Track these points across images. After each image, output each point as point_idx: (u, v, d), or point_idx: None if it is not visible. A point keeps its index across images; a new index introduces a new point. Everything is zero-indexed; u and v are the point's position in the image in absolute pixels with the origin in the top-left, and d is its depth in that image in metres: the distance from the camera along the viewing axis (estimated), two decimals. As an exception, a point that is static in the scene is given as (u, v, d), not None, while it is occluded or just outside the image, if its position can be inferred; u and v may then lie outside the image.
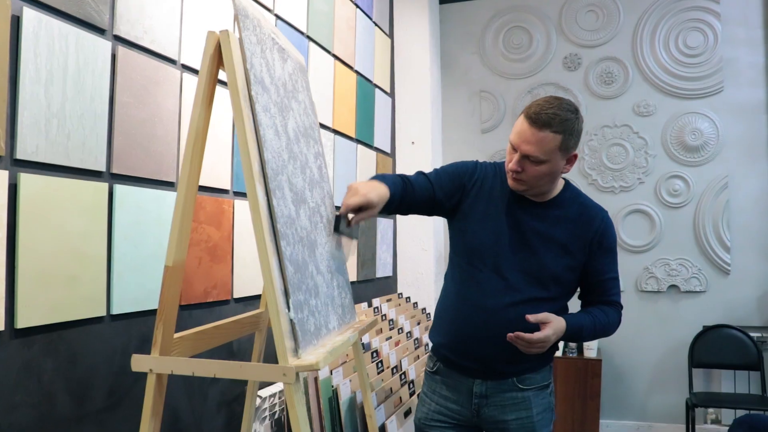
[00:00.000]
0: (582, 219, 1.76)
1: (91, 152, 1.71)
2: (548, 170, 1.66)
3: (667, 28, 4.29)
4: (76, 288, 1.65)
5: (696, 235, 4.20)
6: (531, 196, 1.77)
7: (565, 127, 1.61)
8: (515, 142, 1.66)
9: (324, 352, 1.22)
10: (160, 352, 1.22)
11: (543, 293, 1.73)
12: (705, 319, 4.14)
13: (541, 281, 1.73)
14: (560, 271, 1.73)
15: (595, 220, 1.77)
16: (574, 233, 1.75)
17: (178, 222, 1.24)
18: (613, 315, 1.80)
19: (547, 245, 1.73)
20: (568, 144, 1.64)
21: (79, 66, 1.67)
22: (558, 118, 1.60)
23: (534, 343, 1.62)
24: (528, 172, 1.66)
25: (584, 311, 1.80)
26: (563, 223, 1.75)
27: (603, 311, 1.79)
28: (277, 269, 1.18)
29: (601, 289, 1.81)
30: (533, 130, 1.61)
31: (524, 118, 1.65)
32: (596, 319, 1.76)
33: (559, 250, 1.73)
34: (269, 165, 1.24)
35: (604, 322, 1.77)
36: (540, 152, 1.62)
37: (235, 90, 1.18)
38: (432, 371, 1.90)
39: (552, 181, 1.72)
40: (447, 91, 4.75)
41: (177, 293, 1.26)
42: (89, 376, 1.71)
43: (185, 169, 1.24)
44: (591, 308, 1.81)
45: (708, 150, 4.19)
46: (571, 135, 1.64)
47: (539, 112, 1.61)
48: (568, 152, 1.66)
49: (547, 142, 1.61)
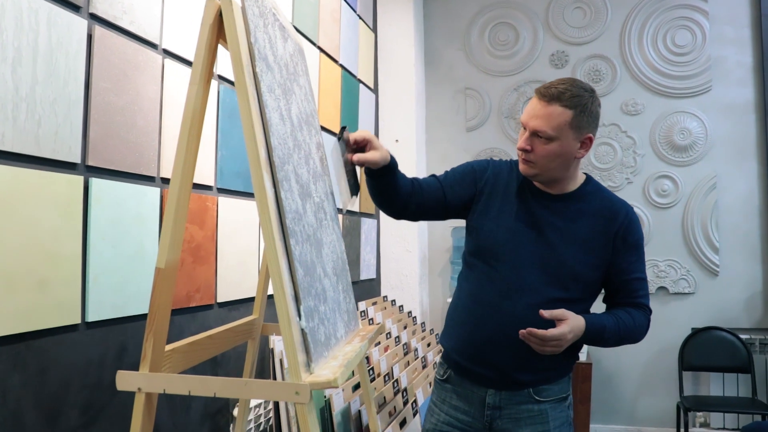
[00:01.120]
0: (604, 213, 1.64)
1: (65, 142, 1.54)
2: (559, 150, 1.54)
3: (655, 26, 4.23)
4: (46, 293, 1.47)
5: (685, 236, 4.14)
6: (547, 187, 1.65)
7: (576, 102, 1.51)
8: (524, 119, 1.57)
9: (337, 366, 1.07)
10: (150, 368, 1.05)
11: (563, 294, 1.60)
12: (694, 321, 4.08)
13: (561, 280, 1.60)
14: (581, 270, 1.61)
15: (619, 214, 1.64)
16: (596, 228, 1.62)
17: (172, 217, 1.08)
18: (640, 318, 1.66)
19: (566, 241, 1.61)
20: (580, 122, 1.53)
21: (52, 45, 1.49)
22: (569, 92, 1.51)
23: (548, 341, 1.48)
24: (537, 151, 1.55)
25: (608, 312, 1.67)
26: (584, 217, 1.63)
27: (628, 313, 1.65)
28: (287, 272, 1.03)
29: (627, 290, 1.67)
30: (542, 104, 1.53)
31: (534, 96, 1.57)
32: (620, 321, 1.62)
33: (580, 247, 1.61)
34: (276, 152, 1.08)
35: (629, 325, 1.63)
36: (548, 127, 1.52)
37: (239, 65, 1.03)
38: (442, 379, 1.76)
39: (565, 165, 1.59)
40: (431, 88, 4.62)
41: (169, 299, 1.10)
42: (62, 390, 1.53)
43: (180, 156, 1.08)
44: (616, 310, 1.67)
45: (696, 150, 4.13)
46: (584, 113, 1.53)
47: (549, 86, 1.54)
48: (581, 132, 1.55)
49: (556, 116, 1.51)
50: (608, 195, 1.69)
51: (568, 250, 1.60)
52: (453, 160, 4.46)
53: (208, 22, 1.08)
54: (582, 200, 1.65)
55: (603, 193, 1.69)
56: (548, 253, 1.61)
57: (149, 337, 1.06)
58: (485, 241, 1.65)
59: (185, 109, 1.09)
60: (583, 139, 1.57)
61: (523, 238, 1.62)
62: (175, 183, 1.08)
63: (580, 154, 1.59)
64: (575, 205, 1.64)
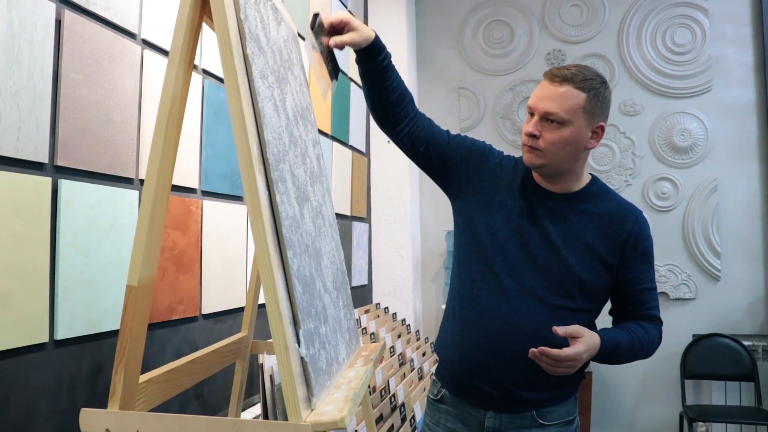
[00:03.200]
0: (612, 217, 1.50)
1: (30, 139, 1.37)
2: (570, 136, 1.41)
3: (654, 25, 4.11)
4: (8, 309, 1.30)
5: (685, 240, 4.02)
6: (551, 184, 1.51)
7: (589, 86, 1.41)
8: (532, 102, 1.45)
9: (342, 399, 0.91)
10: (120, 405, 0.89)
11: (567, 302, 1.46)
12: (695, 328, 3.96)
13: (565, 288, 1.46)
14: (587, 277, 1.46)
15: (628, 219, 1.50)
16: (603, 233, 1.48)
17: (146, 226, 0.91)
18: (654, 332, 1.52)
19: (571, 245, 1.47)
20: (593, 107, 1.41)
21: (13, 30, 1.33)
22: (581, 75, 1.41)
23: (563, 361, 1.34)
24: (546, 137, 1.42)
25: (620, 326, 1.52)
26: (590, 220, 1.49)
27: (642, 327, 1.51)
28: (284, 290, 0.87)
29: (637, 301, 1.53)
30: (553, 86, 1.42)
31: (543, 79, 1.46)
32: (634, 336, 1.47)
33: (585, 251, 1.47)
34: (270, 148, 0.93)
35: (643, 340, 1.49)
36: (561, 109, 1.40)
37: (227, 45, 0.87)
38: (436, 399, 1.59)
39: (574, 155, 1.46)
40: (423, 87, 4.48)
41: (143, 321, 0.94)
42: (27, 417, 1.36)
43: (155, 154, 0.92)
44: (627, 323, 1.53)
45: (697, 151, 4.02)
46: (597, 98, 1.42)
47: (560, 68, 1.44)
48: (593, 119, 1.43)
49: (570, 98, 1.40)
50: (615, 197, 1.56)
51: (573, 254, 1.47)
52: (446, 161, 4.32)
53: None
54: (587, 201, 1.52)
55: (610, 195, 1.56)
56: (551, 256, 1.47)
57: (119, 369, 0.90)
58: (481, 236, 1.51)
59: (162, 97, 0.92)
60: (594, 128, 1.44)
61: (524, 238, 1.48)
62: (149, 186, 0.92)
63: (591, 145, 1.46)
64: (580, 206, 1.51)
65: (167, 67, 0.94)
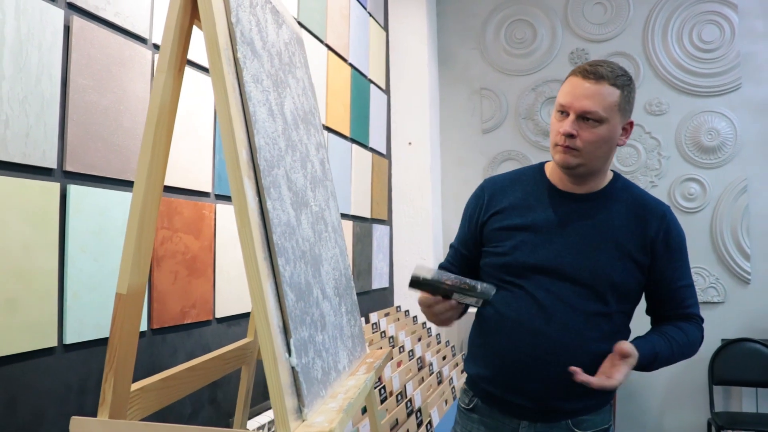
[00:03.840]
0: (639, 214, 1.46)
1: (38, 145, 1.38)
2: (607, 134, 1.40)
3: (680, 22, 4.02)
4: (16, 313, 1.31)
5: (713, 242, 3.92)
6: (576, 185, 1.48)
7: (622, 82, 1.40)
8: (567, 101, 1.40)
9: (336, 409, 0.90)
10: (109, 414, 0.88)
11: (601, 307, 1.42)
12: (724, 332, 3.86)
13: (597, 291, 1.41)
14: (619, 278, 1.42)
15: (656, 214, 1.46)
16: (632, 230, 1.44)
17: (135, 233, 0.90)
18: (694, 332, 1.48)
19: (599, 245, 1.43)
20: (626, 105, 1.41)
21: (21, 37, 1.34)
22: (614, 72, 1.40)
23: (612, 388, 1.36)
24: (584, 136, 1.39)
25: (657, 331, 1.48)
26: (617, 217, 1.45)
27: (680, 329, 1.47)
28: (274, 298, 0.86)
29: (674, 299, 1.49)
30: (589, 83, 1.38)
31: (574, 76, 1.42)
32: (673, 342, 1.44)
33: (615, 251, 1.43)
34: (261, 154, 0.91)
35: (682, 343, 1.45)
36: (600, 107, 1.37)
37: (215, 50, 0.86)
38: (467, 408, 1.56)
39: (609, 153, 1.44)
40: (445, 88, 4.44)
41: (134, 330, 0.94)
42: (36, 420, 1.37)
43: (144, 160, 0.91)
44: (664, 326, 1.48)
45: (725, 151, 3.92)
46: (629, 95, 1.42)
47: (593, 64, 1.41)
48: (625, 116, 1.42)
49: (607, 96, 1.38)
50: (641, 192, 1.52)
51: (602, 255, 1.42)
52: (468, 163, 4.28)
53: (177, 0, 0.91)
54: (612, 198, 1.48)
55: (634, 190, 1.51)
56: (580, 261, 1.42)
57: (108, 377, 0.89)
58: (508, 259, 1.48)
59: (150, 102, 0.92)
60: (625, 125, 1.44)
61: (552, 247, 1.45)
62: (138, 193, 0.91)
63: (622, 141, 1.45)
64: (605, 204, 1.47)
65: (156, 72, 0.93)
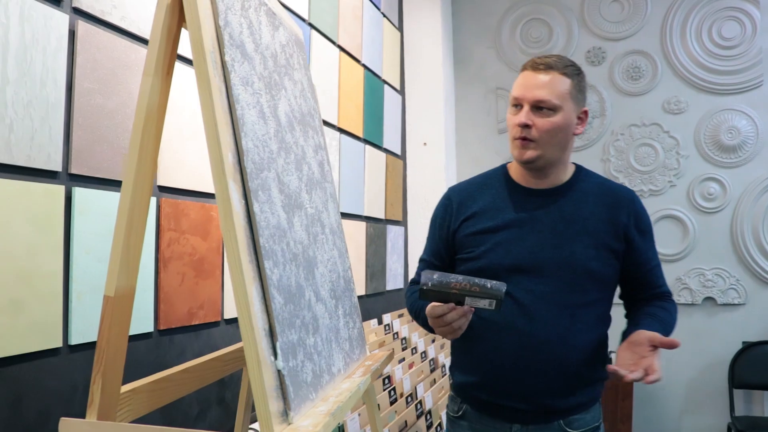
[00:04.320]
0: (608, 201, 1.49)
1: (42, 148, 1.40)
2: (562, 122, 1.42)
3: (699, 18, 3.95)
4: (22, 314, 1.33)
5: (734, 243, 3.85)
6: (539, 180, 1.50)
7: (572, 71, 1.45)
8: (520, 93, 1.44)
9: (324, 413, 0.89)
10: (98, 415, 0.89)
11: (581, 298, 1.43)
12: (745, 335, 3.79)
13: (575, 282, 1.43)
14: (595, 266, 1.44)
15: (625, 201, 1.50)
16: (603, 218, 1.47)
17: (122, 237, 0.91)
18: (673, 309, 1.54)
19: (572, 237, 1.45)
20: (578, 93, 1.45)
21: (25, 42, 1.36)
22: (563, 63, 1.45)
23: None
24: (539, 125, 1.42)
25: (647, 315, 1.47)
26: (585, 207, 1.48)
27: (664, 309, 1.51)
28: (260, 301, 0.86)
29: (650, 282, 1.53)
30: (540, 74, 1.43)
31: (525, 71, 1.46)
32: (665, 323, 1.46)
33: (588, 240, 1.45)
34: (249, 157, 0.91)
35: (669, 322, 1.49)
36: (553, 95, 1.41)
37: (200, 53, 0.86)
38: (456, 416, 1.56)
39: (565, 142, 1.46)
40: (461, 88, 4.42)
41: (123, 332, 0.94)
42: (41, 420, 1.39)
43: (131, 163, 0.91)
44: (650, 309, 1.50)
45: (746, 150, 3.84)
46: (580, 84, 1.47)
47: (542, 57, 1.47)
48: (579, 104, 1.46)
49: (558, 84, 1.42)
50: (605, 181, 1.56)
51: (576, 246, 1.44)
52: (484, 162, 4.25)
53: (164, 3, 0.91)
54: (578, 190, 1.50)
55: (598, 179, 1.55)
56: (556, 255, 1.44)
57: (96, 379, 0.90)
58: (485, 264, 1.48)
59: (137, 106, 0.92)
60: (580, 113, 1.48)
61: (525, 246, 1.46)
62: (125, 196, 0.92)
63: (578, 131, 1.48)
64: (572, 196, 1.49)
65: (142, 75, 0.93)
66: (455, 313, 1.29)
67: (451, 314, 1.29)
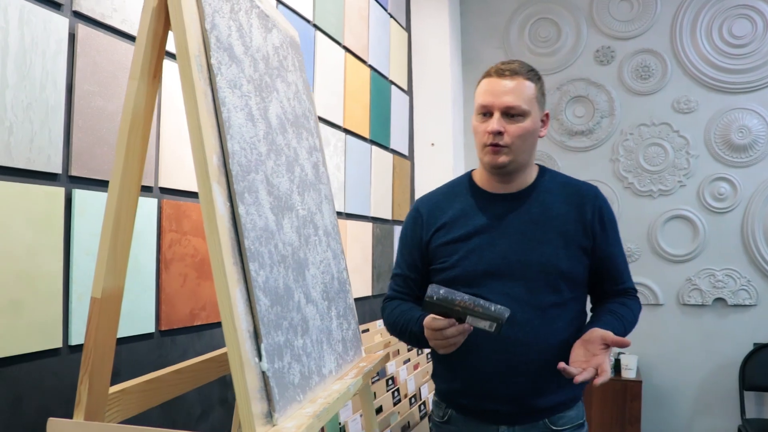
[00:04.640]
0: (574, 200, 1.51)
1: (42, 151, 1.41)
2: (531, 127, 1.46)
3: (710, 17, 3.92)
4: (22, 315, 1.35)
5: (744, 243, 3.81)
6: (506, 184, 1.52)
7: (533, 76, 1.50)
8: (488, 100, 1.45)
9: (310, 414, 0.90)
10: (85, 416, 0.90)
11: (555, 298, 1.44)
12: (756, 336, 3.74)
13: (548, 283, 1.44)
14: (566, 265, 1.45)
15: (588, 197, 1.52)
16: (571, 217, 1.49)
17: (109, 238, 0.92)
18: (636, 307, 1.55)
19: (542, 238, 1.46)
20: (541, 97, 1.50)
21: (24, 46, 1.37)
22: (525, 67, 1.49)
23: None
24: (511, 131, 1.44)
25: (607, 312, 1.49)
26: (553, 207, 1.49)
27: (626, 306, 1.52)
28: (244, 303, 0.86)
29: (614, 276, 1.55)
30: (506, 80, 1.44)
31: (489, 77, 1.48)
32: (625, 321, 1.47)
33: (558, 240, 1.46)
34: (235, 159, 0.92)
35: (631, 320, 1.50)
36: (522, 101, 1.43)
37: (185, 56, 0.87)
38: (442, 421, 1.56)
39: (532, 148, 1.50)
40: (469, 88, 4.41)
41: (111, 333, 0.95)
42: (41, 420, 1.40)
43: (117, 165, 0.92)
44: (611, 305, 1.51)
45: (757, 149, 3.80)
46: (542, 88, 1.52)
47: (505, 63, 1.49)
48: (542, 108, 1.51)
49: (525, 89, 1.46)
50: (569, 180, 1.58)
51: (547, 247, 1.45)
52: (492, 163, 4.23)
53: (150, 6, 0.92)
54: (544, 190, 1.52)
55: (560, 178, 1.57)
56: (526, 257, 1.45)
57: (84, 380, 0.91)
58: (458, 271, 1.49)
59: (124, 109, 0.93)
60: (542, 117, 1.51)
61: (497, 251, 1.47)
62: (112, 198, 0.93)
63: (543, 133, 1.53)
64: (539, 197, 1.51)
65: (129, 79, 0.94)
66: (455, 329, 1.31)
67: (450, 329, 1.31)
